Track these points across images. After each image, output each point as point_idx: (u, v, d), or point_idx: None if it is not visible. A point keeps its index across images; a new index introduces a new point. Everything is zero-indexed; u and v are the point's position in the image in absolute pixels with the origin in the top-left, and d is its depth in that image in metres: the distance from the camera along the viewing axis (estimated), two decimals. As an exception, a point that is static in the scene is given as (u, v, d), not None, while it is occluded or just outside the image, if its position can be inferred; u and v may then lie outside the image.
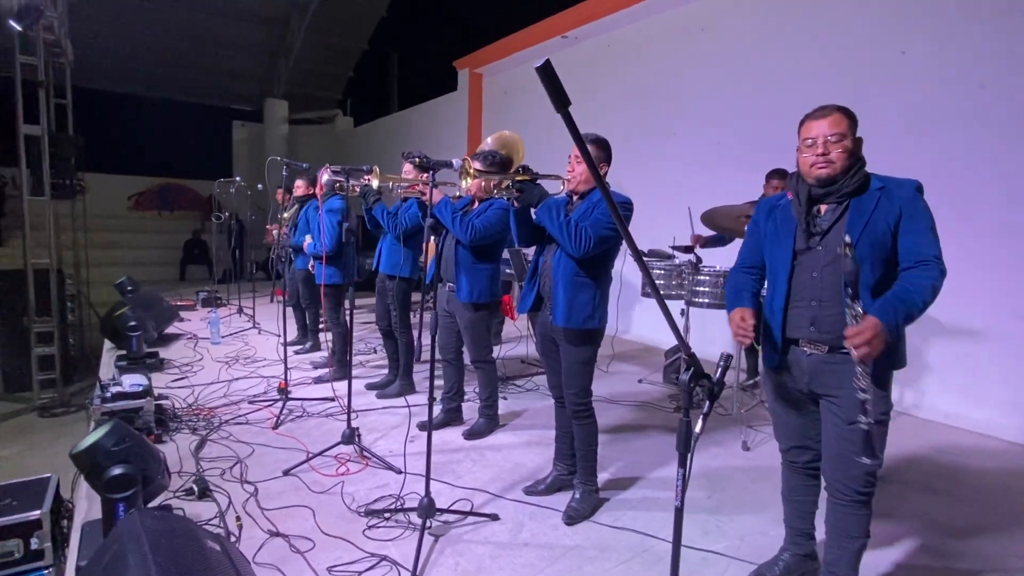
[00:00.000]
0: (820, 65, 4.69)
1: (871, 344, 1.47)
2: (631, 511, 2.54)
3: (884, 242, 1.66)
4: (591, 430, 2.51)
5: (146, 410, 3.12)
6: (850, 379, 1.58)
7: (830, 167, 1.69)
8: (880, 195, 1.69)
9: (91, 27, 9.79)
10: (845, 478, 1.71)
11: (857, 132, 1.74)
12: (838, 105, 1.75)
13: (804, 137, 1.75)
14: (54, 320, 7.37)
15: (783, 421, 1.93)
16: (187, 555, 1.45)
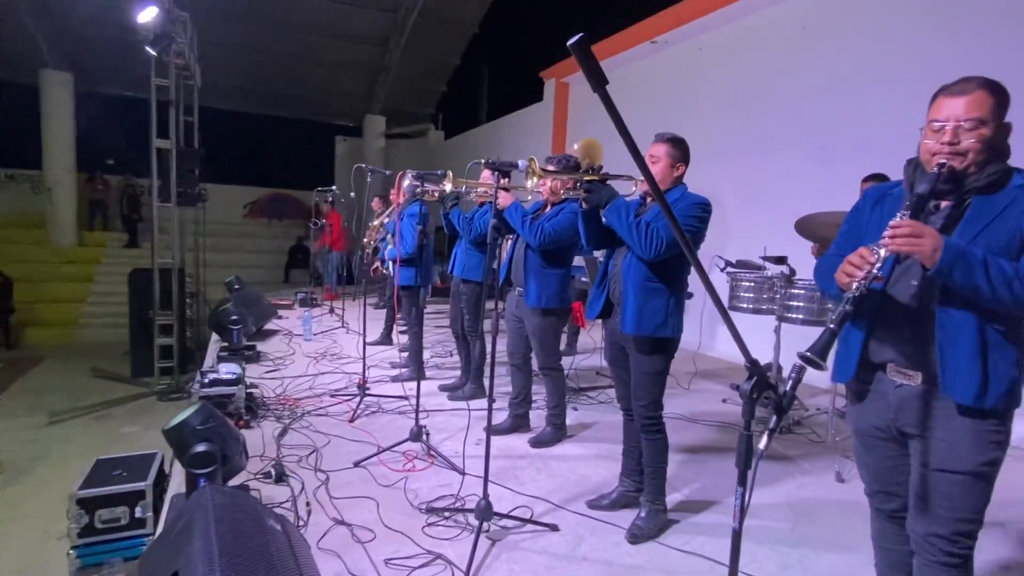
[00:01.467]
0: (932, 64, 4.24)
1: (910, 240, 1.28)
2: (701, 536, 2.37)
3: (1007, 250, 1.34)
4: (661, 446, 2.39)
5: (238, 396, 3.35)
6: (943, 420, 1.36)
7: (957, 159, 1.37)
8: (1019, 193, 1.36)
9: (214, 52, 10.84)
10: (927, 534, 1.44)
11: (1007, 116, 1.40)
12: (985, 79, 1.40)
13: (932, 118, 1.43)
14: (174, 314, 8.18)
15: (864, 460, 1.64)
16: (247, 529, 1.52)
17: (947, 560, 1.43)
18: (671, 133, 2.37)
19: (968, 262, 1.27)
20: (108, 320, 10.85)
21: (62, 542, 4.30)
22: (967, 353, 1.32)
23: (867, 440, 1.58)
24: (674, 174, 2.35)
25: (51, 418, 6.95)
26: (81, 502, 2.80)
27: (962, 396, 1.32)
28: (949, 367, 1.34)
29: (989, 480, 1.39)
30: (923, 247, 1.28)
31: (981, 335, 1.33)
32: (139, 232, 12.92)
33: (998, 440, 1.37)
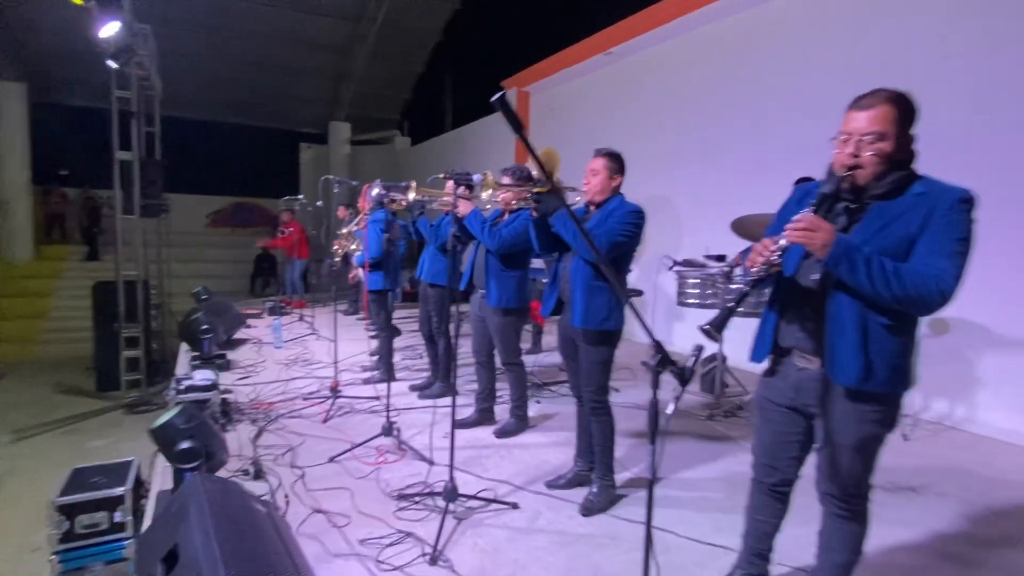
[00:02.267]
0: (857, 72, 4.65)
1: (806, 232, 1.47)
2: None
3: (898, 250, 1.51)
4: (608, 427, 2.65)
5: (213, 401, 3.49)
6: (835, 401, 1.59)
7: (856, 172, 1.53)
8: (915, 200, 1.52)
9: (176, 62, 10.78)
10: (825, 493, 1.70)
11: (913, 126, 1.55)
12: (892, 93, 1.54)
13: (840, 130, 1.57)
14: (140, 326, 8.14)
15: (760, 433, 1.86)
16: (237, 510, 1.71)
17: (841, 514, 1.71)
18: (609, 148, 2.65)
19: (853, 259, 1.47)
20: (70, 335, 10.65)
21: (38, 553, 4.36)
22: (852, 343, 1.55)
23: (766, 413, 1.82)
24: (612, 184, 2.62)
25: (16, 435, 6.86)
26: (61, 509, 2.92)
27: (845, 381, 1.56)
28: (836, 355, 1.57)
29: (871, 452, 1.64)
30: (814, 240, 1.48)
31: (865, 327, 1.55)
32: (99, 245, 12.70)
33: (879, 420, 1.60)
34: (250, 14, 11.37)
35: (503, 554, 2.24)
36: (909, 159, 1.57)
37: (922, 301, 1.47)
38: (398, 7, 11.79)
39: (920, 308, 1.50)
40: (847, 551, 1.72)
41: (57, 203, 13.01)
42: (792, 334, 1.70)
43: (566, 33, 7.94)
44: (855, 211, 1.60)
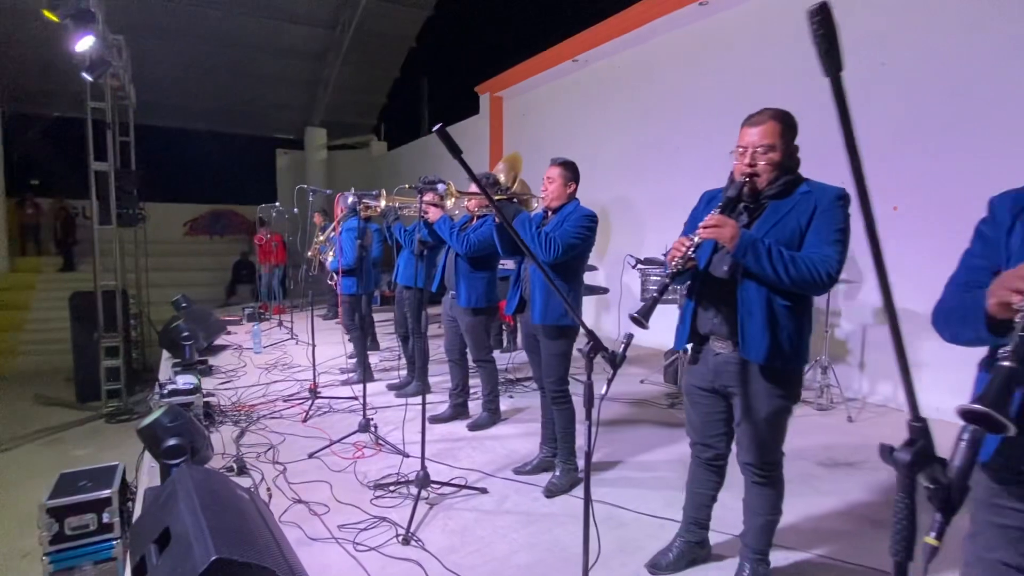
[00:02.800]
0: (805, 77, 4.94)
1: (716, 229, 1.71)
2: (606, 487, 2.87)
3: (792, 241, 1.77)
4: (569, 415, 2.87)
5: (196, 404, 3.63)
6: (748, 380, 1.82)
7: (754, 179, 1.81)
8: (802, 198, 1.79)
9: (151, 70, 10.79)
10: (744, 463, 1.94)
11: (795, 138, 1.82)
12: (775, 112, 1.81)
13: (738, 143, 1.84)
14: (120, 336, 8.17)
15: (690, 416, 2.08)
16: (222, 494, 1.89)
17: (759, 480, 1.94)
18: (563, 158, 2.86)
19: (757, 249, 1.73)
20: (49, 346, 10.59)
21: (27, 559, 4.45)
22: (760, 324, 1.79)
23: (693, 398, 2.05)
24: (567, 191, 2.83)
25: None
26: (51, 511, 3.04)
27: (756, 357, 1.79)
28: (747, 335, 1.81)
29: (781, 424, 1.88)
30: (723, 235, 1.74)
31: (771, 310, 1.80)
32: (75, 255, 12.61)
33: (785, 395, 1.84)
34: (225, 22, 11.42)
35: (471, 533, 2.45)
36: (795, 165, 1.85)
37: (814, 282, 1.72)
38: (371, 14, 11.93)
39: (812, 288, 1.75)
40: (767, 512, 1.95)
41: (30, 214, 12.89)
42: (708, 321, 1.93)
43: (536, 40, 8.17)
44: (754, 210, 1.87)
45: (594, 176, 6.41)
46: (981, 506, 1.29)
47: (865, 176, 0.70)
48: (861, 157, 0.68)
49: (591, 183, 6.35)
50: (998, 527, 1.25)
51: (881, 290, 0.74)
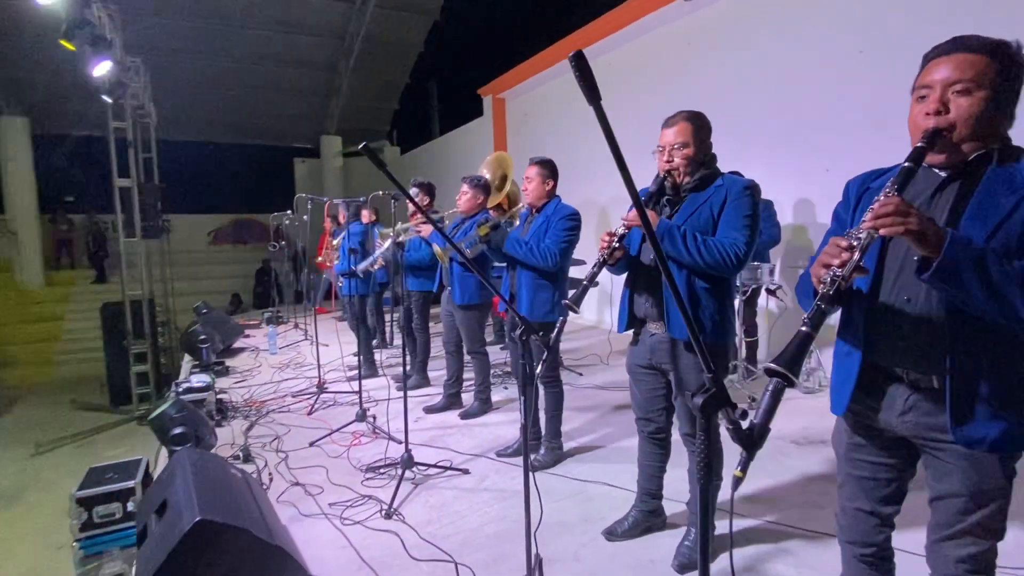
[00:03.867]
0: (790, 67, 5.03)
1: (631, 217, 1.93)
2: (582, 466, 3.05)
3: (706, 229, 1.96)
4: (557, 398, 3.07)
5: (208, 401, 3.92)
6: (678, 357, 1.99)
7: (672, 173, 2.02)
8: (715, 190, 1.99)
9: (170, 88, 11.27)
10: (683, 434, 2.12)
11: (709, 136, 2.02)
12: (688, 113, 2.03)
13: (659, 143, 2.05)
14: (147, 342, 8.62)
15: (633, 392, 2.26)
16: (214, 472, 2.13)
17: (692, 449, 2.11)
18: (540, 156, 3.05)
19: (673, 235, 1.93)
20: (83, 355, 11.16)
21: (61, 551, 4.81)
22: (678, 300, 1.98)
23: (635, 375, 2.23)
24: (546, 189, 3.02)
25: (36, 449, 7.35)
26: (80, 501, 3.33)
27: (681, 335, 1.98)
28: (671, 315, 2.00)
29: None
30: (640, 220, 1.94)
31: (691, 291, 1.99)
32: (106, 267, 13.22)
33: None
34: (239, 38, 11.87)
35: (448, 508, 2.66)
36: (710, 160, 2.05)
37: (724, 263, 1.90)
38: (379, 22, 12.24)
39: (724, 269, 1.92)
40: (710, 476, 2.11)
41: (64, 230, 13.55)
42: (642, 305, 2.11)
43: (534, 41, 8.33)
44: (675, 202, 2.06)
45: (593, 174, 6.59)
46: (842, 460, 1.45)
47: (632, 183, 0.89)
48: (629, 170, 0.87)
49: (590, 181, 6.55)
50: (856, 478, 1.41)
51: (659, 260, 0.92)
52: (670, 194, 2.08)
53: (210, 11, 11.05)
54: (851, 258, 1.13)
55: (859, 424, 1.39)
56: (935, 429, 1.23)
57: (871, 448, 1.38)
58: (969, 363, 1.17)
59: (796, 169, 4.98)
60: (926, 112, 1.22)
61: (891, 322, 1.26)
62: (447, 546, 2.32)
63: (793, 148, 5.02)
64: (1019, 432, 1.17)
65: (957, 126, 1.19)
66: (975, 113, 1.17)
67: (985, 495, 1.22)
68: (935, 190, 1.26)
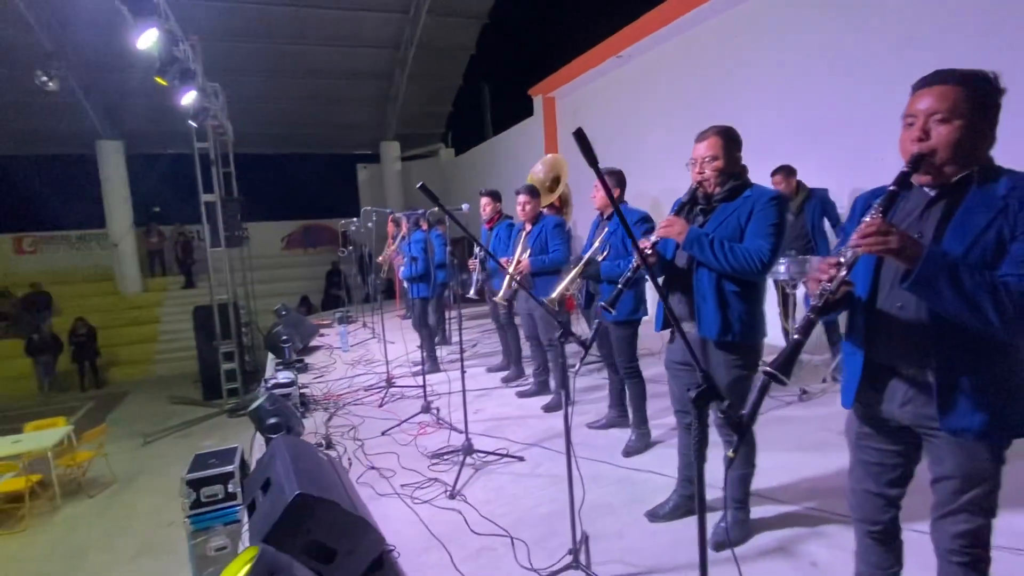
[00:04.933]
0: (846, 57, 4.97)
1: (666, 228, 2.11)
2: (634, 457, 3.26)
3: (734, 236, 2.12)
4: (641, 388, 3.35)
5: (293, 395, 4.39)
6: (710, 354, 2.16)
7: (704, 184, 2.19)
8: (744, 201, 2.14)
9: (244, 106, 12.14)
10: (720, 423, 2.25)
11: (738, 150, 2.17)
12: (718, 128, 2.18)
13: (691, 156, 2.19)
14: (234, 342, 9.44)
15: (671, 387, 2.47)
16: (308, 455, 2.50)
17: (731, 440, 2.27)
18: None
19: (701, 243, 2.11)
20: (178, 354, 12.29)
21: (172, 527, 5.47)
22: (712, 306, 2.15)
23: (672, 371, 2.42)
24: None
25: (145, 439, 8.26)
26: (190, 483, 3.84)
27: (709, 334, 2.16)
28: (702, 316, 2.18)
29: (742, 390, 2.20)
30: (672, 232, 2.13)
31: (720, 294, 2.15)
32: (194, 273, 14.42)
33: (742, 364, 2.18)
34: (302, 56, 12.63)
35: (505, 491, 2.94)
36: (741, 172, 2.20)
37: (749, 268, 2.06)
38: (430, 30, 12.67)
39: (749, 274, 2.08)
40: (741, 467, 2.29)
41: (155, 241, 14.86)
42: (676, 306, 2.29)
43: (583, 39, 8.46)
44: (707, 212, 2.23)
45: (643, 167, 6.68)
46: (852, 446, 1.62)
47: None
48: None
49: (640, 175, 6.67)
50: (864, 463, 1.58)
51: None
52: (703, 203, 2.25)
53: (274, 32, 11.83)
54: (838, 275, 1.31)
55: (866, 415, 1.55)
56: (929, 419, 1.39)
57: (877, 437, 1.54)
58: (953, 362, 1.33)
59: (849, 160, 4.93)
60: (911, 139, 1.37)
61: (887, 326, 1.43)
62: (504, 523, 2.61)
63: (846, 140, 4.97)
64: (1000, 423, 1.31)
65: (938, 151, 1.33)
66: (953, 140, 1.31)
67: (975, 477, 1.37)
68: (925, 207, 1.41)
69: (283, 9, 11.36)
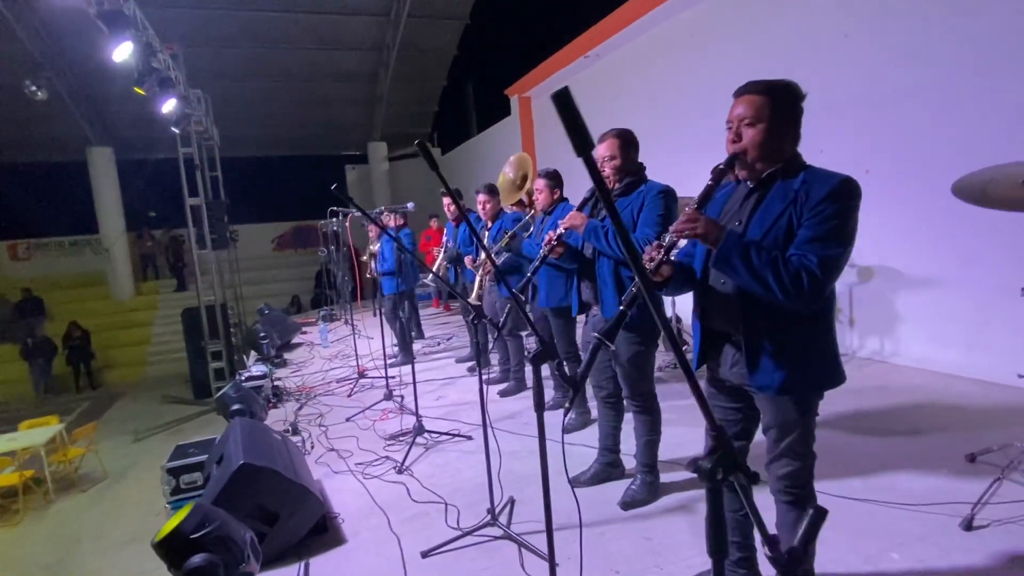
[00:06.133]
0: (784, 53, 5.23)
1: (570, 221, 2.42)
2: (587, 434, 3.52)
3: (628, 227, 2.37)
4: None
5: (266, 386, 4.65)
6: None
7: (607, 180, 2.46)
8: (638, 195, 2.41)
9: (229, 111, 12.37)
10: (625, 393, 2.53)
11: (635, 150, 2.47)
12: (616, 131, 2.45)
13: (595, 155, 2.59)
14: (222, 342, 9.68)
15: (586, 363, 2.71)
16: (259, 435, 2.76)
17: (636, 410, 2.55)
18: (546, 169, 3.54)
19: (598, 233, 2.38)
20: (169, 355, 12.55)
21: (159, 516, 5.71)
22: (611, 291, 2.41)
23: (585, 347, 2.70)
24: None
25: (136, 436, 8.52)
26: (170, 471, 4.09)
27: (609, 315, 2.42)
28: (603, 300, 2.44)
29: (641, 364, 2.46)
30: (575, 224, 2.42)
31: (618, 279, 2.42)
32: (185, 276, 14.67)
33: (640, 341, 2.44)
34: (286, 59, 12.86)
35: (450, 465, 3.21)
36: (636, 169, 2.46)
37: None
38: (412, 31, 12.88)
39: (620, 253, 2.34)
40: (647, 433, 2.55)
41: (148, 245, 15.10)
42: (585, 291, 2.57)
43: (556, 39, 8.70)
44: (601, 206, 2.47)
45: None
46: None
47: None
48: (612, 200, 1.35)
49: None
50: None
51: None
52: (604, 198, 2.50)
53: (259, 37, 12.06)
54: (658, 257, 1.57)
55: (711, 378, 1.81)
56: (746, 378, 1.64)
57: (720, 396, 1.80)
58: (758, 329, 1.58)
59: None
60: (728, 140, 1.63)
61: (714, 300, 1.69)
62: (442, 492, 2.87)
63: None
64: (798, 380, 1.56)
65: (748, 151, 1.59)
66: (758, 140, 1.57)
67: (786, 427, 1.63)
68: (744, 198, 1.66)
69: (266, 15, 11.59)
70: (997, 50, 3.79)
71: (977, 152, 3.64)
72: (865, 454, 2.93)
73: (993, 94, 3.83)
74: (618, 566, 2.20)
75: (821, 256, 1.45)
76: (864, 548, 2.14)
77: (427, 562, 2.32)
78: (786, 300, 1.47)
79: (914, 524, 2.27)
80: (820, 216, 1.47)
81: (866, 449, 3.00)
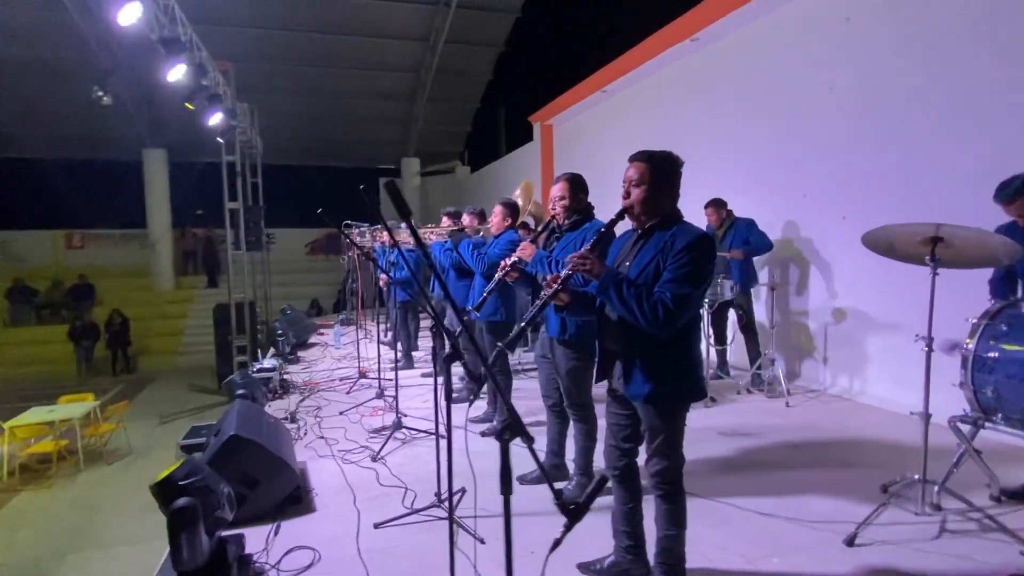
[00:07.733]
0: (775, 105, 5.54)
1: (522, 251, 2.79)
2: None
3: None
4: (507, 382, 3.92)
5: (274, 378, 5.14)
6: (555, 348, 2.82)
7: (555, 217, 2.86)
8: (581, 231, 2.76)
9: (274, 123, 13.22)
10: (566, 405, 2.89)
11: (584, 193, 2.86)
12: (567, 175, 2.84)
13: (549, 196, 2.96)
14: (248, 337, 10.32)
15: (539, 376, 3.10)
16: (254, 416, 3.22)
17: (574, 418, 2.90)
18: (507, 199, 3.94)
19: (543, 262, 2.75)
20: (200, 347, 13.31)
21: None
22: (551, 311, 2.80)
23: (539, 363, 3.08)
24: (503, 225, 3.92)
25: (162, 419, 9.19)
26: (184, 447, 4.58)
27: (553, 334, 2.79)
28: (548, 321, 2.81)
29: (579, 378, 2.80)
30: (525, 254, 2.80)
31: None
32: (216, 274, 15.54)
33: (578, 358, 2.77)
34: (331, 78, 13.74)
35: (418, 457, 3.61)
36: (584, 208, 2.85)
37: (575, 283, 2.65)
38: (449, 57, 13.60)
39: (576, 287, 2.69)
40: (583, 440, 2.91)
41: (190, 242, 16.07)
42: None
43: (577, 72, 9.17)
44: (559, 238, 2.89)
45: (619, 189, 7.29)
46: (607, 413, 2.23)
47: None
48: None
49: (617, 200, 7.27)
50: (609, 424, 2.21)
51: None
52: (557, 232, 2.91)
53: (305, 56, 12.92)
54: (555, 285, 1.96)
55: (608, 388, 2.18)
56: (624, 388, 2.01)
57: (615, 404, 2.16)
58: (632, 349, 1.96)
59: (781, 194, 5.48)
60: (622, 196, 2.02)
61: (606, 323, 2.06)
62: (407, 479, 3.26)
63: (779, 177, 5.53)
64: (660, 392, 1.92)
65: (634, 206, 1.98)
66: (641, 199, 1.96)
67: (655, 430, 1.98)
68: (634, 243, 2.05)
69: (312, 36, 12.45)
70: (967, 104, 4.01)
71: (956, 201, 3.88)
72: (791, 480, 3.21)
73: (957, 151, 4.07)
74: (536, 547, 2.55)
75: (675, 293, 1.82)
76: (750, 552, 2.45)
77: (378, 532, 2.72)
78: (647, 326, 1.84)
79: (802, 537, 2.56)
80: (678, 262, 1.85)
81: (793, 476, 3.28)
